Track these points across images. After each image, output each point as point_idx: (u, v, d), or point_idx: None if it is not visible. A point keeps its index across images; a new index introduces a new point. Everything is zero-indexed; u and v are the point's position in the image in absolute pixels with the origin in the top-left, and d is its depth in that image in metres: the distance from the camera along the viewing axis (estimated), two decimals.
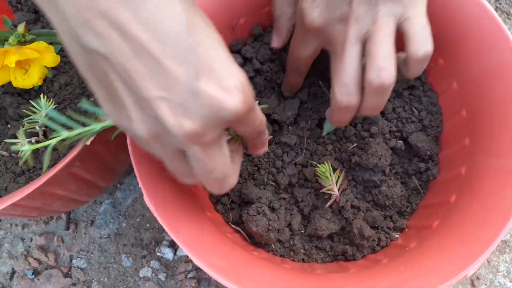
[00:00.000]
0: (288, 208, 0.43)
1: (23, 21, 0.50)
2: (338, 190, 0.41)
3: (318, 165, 0.41)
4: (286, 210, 0.43)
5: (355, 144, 0.44)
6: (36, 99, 0.48)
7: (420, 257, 0.36)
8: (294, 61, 0.40)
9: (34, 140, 0.46)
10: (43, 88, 0.49)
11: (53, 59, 0.41)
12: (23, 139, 0.32)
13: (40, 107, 0.45)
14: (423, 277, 0.33)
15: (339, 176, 0.41)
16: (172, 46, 0.22)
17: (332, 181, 0.41)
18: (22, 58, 0.39)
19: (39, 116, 0.45)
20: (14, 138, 0.47)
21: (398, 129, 0.44)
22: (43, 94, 0.47)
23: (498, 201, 0.34)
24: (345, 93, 0.34)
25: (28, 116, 0.46)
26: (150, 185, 0.34)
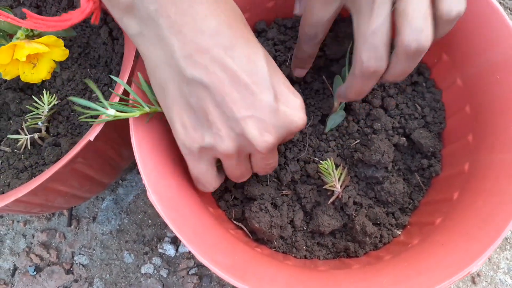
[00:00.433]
0: (290, 204, 0.43)
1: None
2: (341, 186, 0.41)
3: (321, 161, 0.41)
4: (289, 207, 0.43)
5: (358, 140, 0.44)
6: (38, 95, 0.48)
7: (423, 254, 0.36)
8: (312, 27, 0.36)
9: (36, 136, 0.46)
10: (46, 83, 0.48)
11: (62, 53, 0.41)
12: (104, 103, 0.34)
13: (42, 103, 0.45)
14: (426, 274, 0.33)
15: (342, 172, 0.41)
16: (258, 78, 0.29)
17: (334, 177, 0.41)
18: (33, 52, 0.39)
19: (42, 111, 0.45)
20: (17, 134, 0.47)
21: (401, 125, 0.44)
22: (46, 90, 0.47)
23: (502, 197, 0.34)
24: (373, 57, 0.31)
25: (30, 111, 0.46)
26: (154, 181, 0.34)
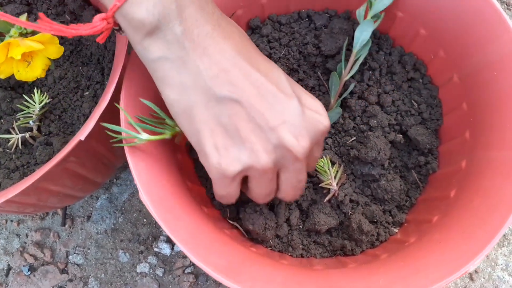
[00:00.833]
0: (287, 203, 0.43)
1: (16, 13, 0.49)
2: (337, 184, 0.41)
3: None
4: (286, 205, 0.42)
5: (354, 137, 0.44)
6: (29, 93, 0.47)
7: (419, 252, 0.36)
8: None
9: (28, 135, 0.45)
10: (37, 82, 0.48)
11: (57, 51, 0.40)
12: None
13: (34, 101, 0.44)
14: (423, 273, 0.32)
15: (338, 170, 0.41)
16: (282, 86, 0.31)
17: (330, 175, 0.40)
18: (28, 50, 0.38)
19: (33, 110, 0.44)
20: (8, 133, 0.46)
21: (398, 122, 0.44)
22: (37, 88, 0.46)
23: (500, 195, 0.34)
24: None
25: (21, 110, 0.45)
26: (146, 181, 0.33)
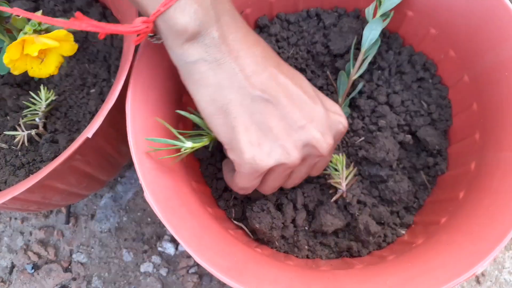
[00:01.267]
0: (294, 204, 0.42)
1: (24, 10, 0.49)
2: (346, 185, 0.40)
3: (333, 155, 0.39)
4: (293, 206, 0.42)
5: (363, 138, 0.43)
6: (36, 90, 0.47)
7: (427, 254, 0.36)
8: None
9: (34, 132, 0.45)
10: (43, 79, 0.48)
11: (71, 48, 0.40)
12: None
13: (40, 99, 0.44)
14: (431, 274, 0.32)
15: (351, 172, 0.40)
16: (306, 89, 0.34)
17: (342, 175, 0.39)
18: (43, 47, 0.38)
19: (39, 107, 0.44)
20: (14, 130, 0.46)
21: (407, 122, 0.43)
22: (43, 85, 0.46)
23: (509, 197, 0.33)
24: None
25: (28, 107, 0.45)
26: (151, 181, 0.33)
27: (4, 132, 0.46)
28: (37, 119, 0.44)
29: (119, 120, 0.39)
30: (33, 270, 0.54)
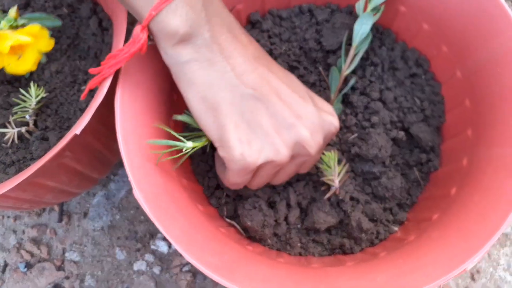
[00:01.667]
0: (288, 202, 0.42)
1: (13, 5, 0.49)
2: (339, 182, 0.40)
3: (324, 152, 0.39)
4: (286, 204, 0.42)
5: (356, 134, 0.43)
6: (26, 87, 0.46)
7: (418, 250, 0.35)
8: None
9: (24, 129, 0.44)
10: (34, 76, 0.47)
11: (47, 43, 0.40)
12: None
13: (30, 96, 0.44)
14: (421, 271, 0.32)
15: (343, 169, 0.40)
16: (297, 89, 0.35)
17: (334, 172, 0.39)
18: (16, 43, 0.37)
19: (29, 104, 0.44)
20: (4, 127, 0.45)
21: (400, 119, 0.43)
22: (34, 82, 0.46)
23: (500, 193, 0.33)
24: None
25: (18, 104, 0.44)
26: (140, 178, 0.32)
27: None
28: (27, 117, 0.44)
29: (109, 117, 0.39)
30: (26, 269, 0.54)
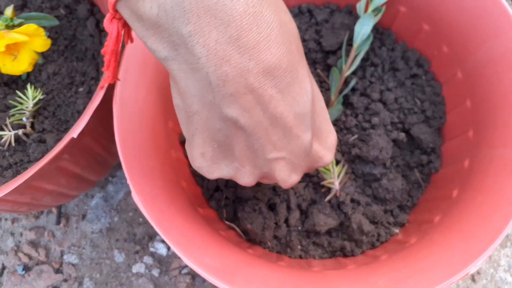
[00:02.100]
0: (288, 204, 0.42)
1: (10, 6, 0.48)
2: (339, 184, 0.40)
3: None
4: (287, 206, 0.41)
5: (356, 135, 0.43)
6: (23, 89, 0.46)
7: (420, 253, 0.35)
8: None
9: (21, 132, 0.44)
10: (31, 77, 0.47)
11: (43, 43, 0.39)
12: None
13: (27, 98, 0.43)
14: (423, 274, 0.32)
15: (342, 170, 0.40)
16: (300, 120, 0.26)
17: (334, 174, 0.39)
18: (11, 42, 0.37)
19: (26, 107, 0.43)
20: (1, 130, 0.45)
21: (400, 120, 0.43)
22: (31, 84, 0.45)
23: (503, 193, 0.33)
24: None
25: (15, 107, 0.44)
26: (138, 180, 0.32)
27: None
28: (24, 119, 0.44)
29: (108, 119, 0.39)
30: (24, 272, 0.53)
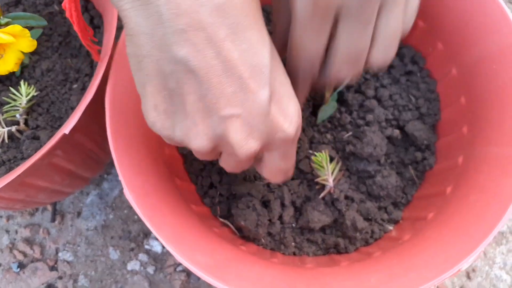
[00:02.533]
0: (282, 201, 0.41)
1: (4, 3, 0.48)
2: (333, 181, 0.40)
3: (315, 153, 0.39)
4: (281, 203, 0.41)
5: (351, 132, 0.43)
6: (17, 86, 0.46)
7: (413, 250, 0.35)
8: (307, 62, 0.30)
9: (14, 128, 0.44)
10: (25, 74, 0.47)
11: (29, 44, 0.39)
12: None
13: (20, 94, 0.43)
14: (415, 271, 0.31)
15: (336, 167, 0.40)
16: (258, 73, 0.24)
17: (327, 171, 0.39)
18: None
19: (20, 103, 0.43)
20: None
21: (395, 117, 0.43)
22: (24, 81, 0.45)
23: (496, 191, 0.33)
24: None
25: (8, 103, 0.44)
26: (130, 177, 0.32)
27: None
28: (17, 115, 0.43)
29: (102, 116, 0.38)
30: (18, 269, 0.53)
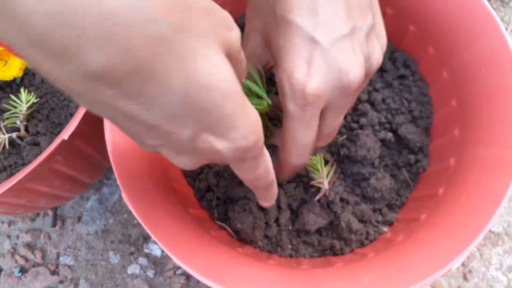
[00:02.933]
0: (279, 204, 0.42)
1: None
2: (328, 183, 0.40)
3: (311, 157, 0.39)
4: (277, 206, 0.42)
5: (345, 136, 0.43)
6: (17, 93, 0.47)
7: (406, 250, 0.36)
8: (301, 149, 0.32)
9: (15, 135, 0.45)
10: (25, 81, 0.47)
11: None
12: None
13: (21, 101, 0.44)
14: (408, 271, 0.32)
15: (330, 170, 0.40)
16: (171, 119, 0.20)
17: (322, 174, 0.39)
18: (0, 48, 0.38)
19: (20, 110, 0.44)
20: None
21: (388, 120, 0.43)
22: (24, 88, 0.46)
23: (486, 192, 0.33)
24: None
25: (9, 110, 0.45)
26: (128, 181, 0.33)
27: None
28: (18, 122, 0.44)
29: (101, 121, 0.39)
30: (20, 274, 0.54)
